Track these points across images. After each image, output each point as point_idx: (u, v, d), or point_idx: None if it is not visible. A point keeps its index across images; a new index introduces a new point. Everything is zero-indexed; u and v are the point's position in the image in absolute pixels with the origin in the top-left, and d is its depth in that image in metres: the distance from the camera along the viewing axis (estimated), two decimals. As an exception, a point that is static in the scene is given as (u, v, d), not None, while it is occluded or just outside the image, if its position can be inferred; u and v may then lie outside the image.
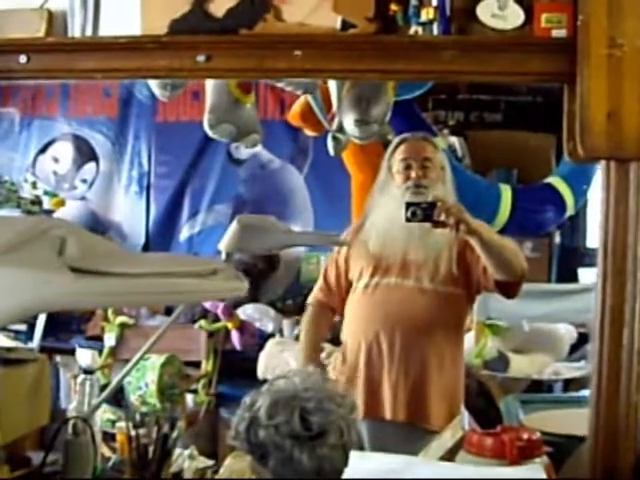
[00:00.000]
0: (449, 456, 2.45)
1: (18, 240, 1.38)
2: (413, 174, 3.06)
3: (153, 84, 3.07)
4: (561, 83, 2.24)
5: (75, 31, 2.48)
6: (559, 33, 2.20)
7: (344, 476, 1.89)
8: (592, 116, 2.14)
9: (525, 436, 2.33)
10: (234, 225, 2.84)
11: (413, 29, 2.28)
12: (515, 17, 2.23)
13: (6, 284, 1.33)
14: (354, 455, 1.96)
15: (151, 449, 2.41)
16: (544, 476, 2.18)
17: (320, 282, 3.31)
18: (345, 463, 1.91)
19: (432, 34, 2.26)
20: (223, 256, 2.63)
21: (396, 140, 3.19)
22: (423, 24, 2.26)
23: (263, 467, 1.98)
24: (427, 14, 2.24)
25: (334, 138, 3.62)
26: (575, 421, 2.80)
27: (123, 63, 2.35)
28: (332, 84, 3.35)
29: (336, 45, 2.29)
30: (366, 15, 2.27)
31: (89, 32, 2.47)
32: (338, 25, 2.30)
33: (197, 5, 2.32)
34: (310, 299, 3.33)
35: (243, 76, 2.70)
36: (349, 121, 3.26)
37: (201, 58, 2.29)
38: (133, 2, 2.38)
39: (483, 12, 2.23)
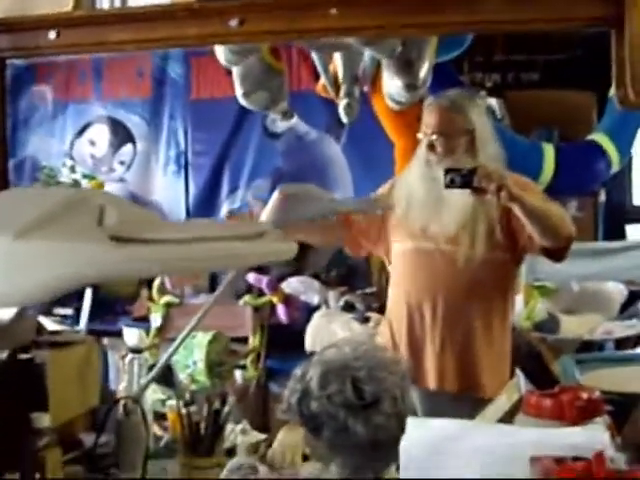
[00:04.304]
0: (507, 419, 2.40)
1: (57, 211, 1.33)
2: (430, 147, 2.94)
3: (221, 51, 3.04)
4: (608, 28, 2.15)
5: (103, 3, 2.44)
6: (605, -25, 2.12)
7: (401, 444, 1.85)
8: (643, 60, 2.07)
9: (584, 396, 2.27)
10: (276, 195, 2.79)
11: (454, -21, 2.21)
12: (560, -38, 2.15)
13: (43, 257, 1.29)
14: (410, 422, 1.92)
15: (203, 426, 2.38)
16: (607, 435, 2.12)
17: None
18: (401, 431, 1.87)
19: (474, -17, 2.19)
20: (266, 227, 2.59)
21: (425, 105, 3.05)
22: (465, -27, 2.19)
23: (317, 438, 1.95)
24: (469, -37, 2.17)
25: (348, 105, 3.56)
26: (635, 379, 2.75)
27: (154, 33, 2.30)
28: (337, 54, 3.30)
29: (373, 0, 2.23)
30: (404, -32, 2.20)
31: (118, 3, 2.43)
32: (375, -21, 2.23)
33: (227, -31, 2.27)
34: None
35: (278, 39, 2.64)
36: (397, 86, 3.17)
37: (233, 23, 2.22)
38: (161, -30, 2.34)
39: (527, -42, 2.16)
